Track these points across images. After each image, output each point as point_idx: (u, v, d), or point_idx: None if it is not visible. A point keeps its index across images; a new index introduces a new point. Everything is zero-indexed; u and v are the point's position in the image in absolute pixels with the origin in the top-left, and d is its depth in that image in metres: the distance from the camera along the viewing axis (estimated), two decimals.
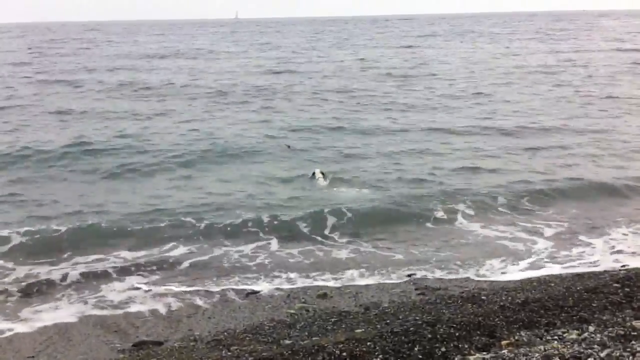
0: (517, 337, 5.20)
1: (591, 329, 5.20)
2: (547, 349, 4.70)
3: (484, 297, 6.77)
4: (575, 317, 5.67)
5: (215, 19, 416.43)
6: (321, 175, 13.43)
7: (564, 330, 5.29)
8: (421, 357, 5.00)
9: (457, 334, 5.35)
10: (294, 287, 8.30)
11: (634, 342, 4.61)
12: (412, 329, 5.56)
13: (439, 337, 5.30)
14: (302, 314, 7.08)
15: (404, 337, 5.35)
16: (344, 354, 5.12)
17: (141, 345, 6.58)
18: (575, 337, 5.00)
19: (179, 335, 6.87)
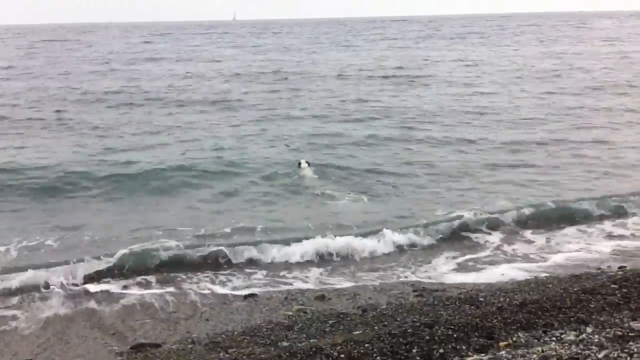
0: (514, 339, 5.20)
1: (589, 330, 5.20)
2: (544, 350, 4.70)
3: (481, 298, 6.75)
4: (573, 318, 5.66)
5: (214, 20, 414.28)
6: (307, 165, 13.93)
7: (562, 331, 5.29)
8: (419, 358, 5.00)
9: (455, 335, 5.35)
10: (292, 289, 8.30)
11: (631, 343, 4.60)
12: (409, 330, 5.55)
13: (436, 338, 5.29)
14: (300, 316, 7.06)
15: (401, 339, 5.35)
16: (342, 356, 5.12)
17: (139, 347, 6.57)
18: (573, 338, 5.00)
19: (176, 337, 6.85)
